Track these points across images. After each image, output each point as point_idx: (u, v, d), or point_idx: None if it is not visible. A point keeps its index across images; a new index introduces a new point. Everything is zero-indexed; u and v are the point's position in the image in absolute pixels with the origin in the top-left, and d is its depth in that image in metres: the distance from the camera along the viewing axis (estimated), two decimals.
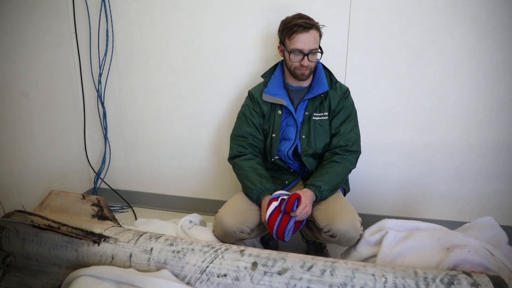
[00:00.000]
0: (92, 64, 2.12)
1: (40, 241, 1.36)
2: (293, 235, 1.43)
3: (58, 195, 1.58)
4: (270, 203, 1.42)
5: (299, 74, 1.52)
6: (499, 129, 1.79)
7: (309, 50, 1.46)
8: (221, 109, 2.04)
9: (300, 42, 1.45)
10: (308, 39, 1.45)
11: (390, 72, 1.81)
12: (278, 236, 1.39)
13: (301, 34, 1.44)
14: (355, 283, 1.06)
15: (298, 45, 1.46)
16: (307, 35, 1.45)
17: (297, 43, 1.45)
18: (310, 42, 1.45)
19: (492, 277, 1.02)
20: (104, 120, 2.19)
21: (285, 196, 1.43)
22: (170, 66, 2.04)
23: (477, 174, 1.87)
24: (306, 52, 1.46)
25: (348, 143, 1.54)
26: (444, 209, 1.95)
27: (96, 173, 2.26)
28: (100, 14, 2.01)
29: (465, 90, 1.77)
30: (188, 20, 1.95)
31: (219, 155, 2.10)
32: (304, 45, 1.45)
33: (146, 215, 2.15)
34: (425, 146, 1.88)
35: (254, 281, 1.12)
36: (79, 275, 1.21)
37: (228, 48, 1.94)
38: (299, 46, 1.45)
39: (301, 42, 1.45)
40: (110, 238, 1.31)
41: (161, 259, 1.22)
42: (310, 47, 1.46)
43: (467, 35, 1.70)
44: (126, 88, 2.14)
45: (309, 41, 1.45)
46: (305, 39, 1.45)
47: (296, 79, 1.56)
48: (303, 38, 1.45)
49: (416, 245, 1.27)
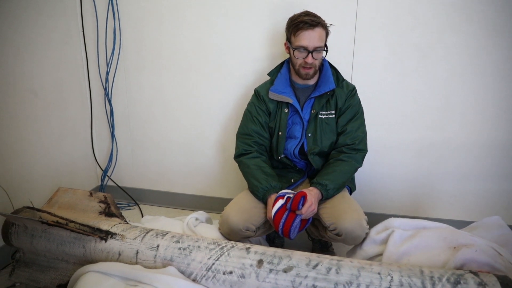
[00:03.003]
0: (99, 62, 2.14)
1: (49, 237, 1.38)
2: (299, 233, 1.43)
3: (66, 192, 1.60)
4: (276, 201, 1.43)
5: (303, 73, 1.52)
6: (507, 128, 1.77)
7: (313, 47, 1.46)
8: (228, 107, 2.04)
9: (305, 39, 1.45)
10: (313, 37, 1.45)
11: (398, 70, 1.80)
12: (284, 234, 1.39)
13: (306, 31, 1.45)
14: (361, 282, 1.05)
15: (302, 42, 1.46)
16: (312, 32, 1.45)
17: (302, 40, 1.46)
18: (315, 39, 1.45)
19: (500, 277, 1.01)
20: (111, 118, 2.21)
21: (291, 195, 1.43)
22: (177, 64, 2.05)
23: (485, 173, 1.85)
24: (311, 50, 1.46)
25: (355, 142, 1.53)
26: (451, 208, 1.94)
27: (103, 170, 2.28)
28: (107, 12, 2.03)
29: (473, 88, 1.76)
30: (195, 18, 1.95)
31: (226, 153, 2.11)
32: (309, 42, 1.45)
33: (152, 213, 2.16)
34: (432, 145, 1.87)
35: (260, 279, 1.12)
36: (87, 271, 1.22)
37: (235, 46, 1.94)
38: (304, 43, 1.46)
39: (305, 39, 1.45)
40: (117, 234, 1.33)
41: (167, 256, 1.23)
42: (315, 45, 1.46)
43: (475, 33, 1.68)
44: (133, 86, 2.15)
45: (314, 39, 1.45)
46: (310, 36, 1.45)
47: (301, 78, 1.56)
48: (308, 35, 1.45)
49: (422, 244, 1.26)
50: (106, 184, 2.32)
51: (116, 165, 2.31)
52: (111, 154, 2.27)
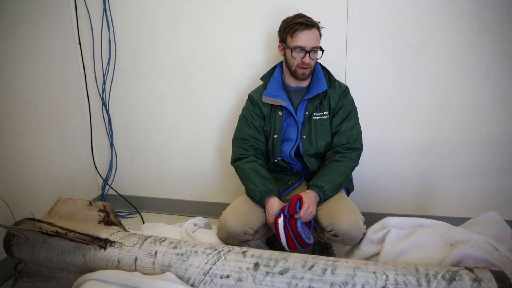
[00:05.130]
0: (96, 73, 2.17)
1: (49, 247, 1.40)
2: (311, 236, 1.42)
3: (66, 202, 1.62)
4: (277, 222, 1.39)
5: (300, 74, 1.53)
6: (503, 123, 1.77)
7: (311, 47, 1.49)
8: (224, 113, 2.06)
9: (302, 40, 1.48)
10: (310, 37, 1.48)
11: (391, 70, 1.81)
12: (302, 244, 1.39)
13: (304, 32, 1.48)
14: (356, 281, 1.06)
15: (300, 42, 1.48)
16: (309, 32, 1.48)
17: (299, 40, 1.48)
18: (312, 40, 1.48)
19: (495, 272, 1.01)
20: (110, 127, 2.23)
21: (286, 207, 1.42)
22: (172, 72, 2.07)
23: (483, 170, 1.85)
24: (308, 50, 1.48)
25: (349, 141, 1.54)
26: (450, 205, 1.93)
27: (104, 179, 2.30)
28: (102, 24, 2.06)
29: (467, 85, 1.76)
30: (190, 26, 1.98)
31: (223, 158, 2.12)
32: (307, 42, 1.48)
33: (153, 220, 2.18)
34: (429, 143, 1.87)
35: (257, 282, 1.13)
36: (87, 279, 1.24)
37: (229, 52, 1.96)
38: (301, 43, 1.48)
39: (303, 40, 1.48)
40: (116, 242, 1.34)
41: (166, 262, 1.24)
42: (312, 45, 1.49)
43: (467, 30, 1.69)
44: (130, 95, 2.18)
45: (311, 39, 1.48)
46: (307, 37, 1.48)
47: (296, 79, 1.57)
48: (305, 35, 1.48)
49: (419, 242, 1.26)
50: (107, 193, 2.34)
51: (116, 173, 2.33)
52: (111, 163, 2.29)
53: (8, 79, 1.71)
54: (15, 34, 1.75)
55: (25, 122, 1.81)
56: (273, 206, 1.46)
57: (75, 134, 2.16)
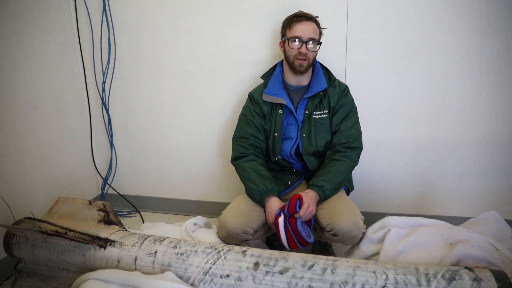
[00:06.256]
0: (96, 72, 2.16)
1: (49, 247, 1.39)
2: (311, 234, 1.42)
3: (66, 202, 1.62)
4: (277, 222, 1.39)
5: (297, 65, 1.54)
6: (503, 123, 1.77)
7: (308, 38, 1.51)
8: (224, 112, 2.06)
9: (299, 30, 1.52)
10: (307, 28, 1.52)
11: (391, 69, 1.81)
12: (302, 243, 1.39)
13: (301, 23, 1.52)
14: (356, 281, 1.06)
15: (297, 32, 1.51)
16: (306, 23, 1.52)
17: (296, 31, 1.52)
18: (309, 31, 1.52)
19: (494, 272, 1.01)
20: (109, 126, 2.23)
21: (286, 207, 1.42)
22: (172, 71, 2.07)
23: (483, 169, 1.85)
24: (305, 40, 1.51)
25: (349, 140, 1.54)
26: (451, 205, 1.93)
27: (104, 179, 2.30)
28: (101, 23, 2.05)
29: (467, 84, 1.76)
30: (189, 26, 1.97)
31: (224, 157, 2.12)
32: (303, 33, 1.51)
33: (153, 219, 2.17)
34: (429, 142, 1.87)
35: (256, 281, 1.13)
36: (86, 279, 1.24)
37: (229, 52, 1.96)
38: (298, 34, 1.51)
39: (300, 30, 1.51)
40: (116, 242, 1.34)
41: (165, 261, 1.24)
42: (309, 35, 1.51)
43: (467, 29, 1.69)
44: (130, 95, 2.18)
45: (308, 30, 1.52)
46: (304, 28, 1.51)
47: (295, 73, 1.57)
48: (302, 26, 1.52)
49: (419, 241, 1.26)
50: (106, 193, 2.34)
51: (116, 173, 2.33)
52: (111, 162, 2.29)
53: (8, 78, 1.71)
54: (15, 33, 1.75)
55: (25, 122, 1.81)
56: (273, 206, 1.46)
57: (75, 133, 2.16)
